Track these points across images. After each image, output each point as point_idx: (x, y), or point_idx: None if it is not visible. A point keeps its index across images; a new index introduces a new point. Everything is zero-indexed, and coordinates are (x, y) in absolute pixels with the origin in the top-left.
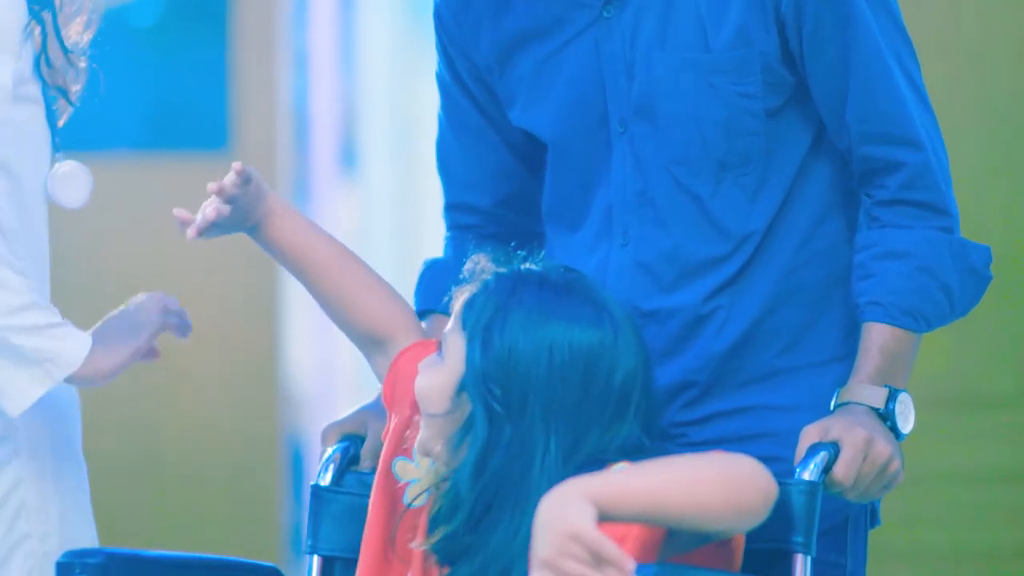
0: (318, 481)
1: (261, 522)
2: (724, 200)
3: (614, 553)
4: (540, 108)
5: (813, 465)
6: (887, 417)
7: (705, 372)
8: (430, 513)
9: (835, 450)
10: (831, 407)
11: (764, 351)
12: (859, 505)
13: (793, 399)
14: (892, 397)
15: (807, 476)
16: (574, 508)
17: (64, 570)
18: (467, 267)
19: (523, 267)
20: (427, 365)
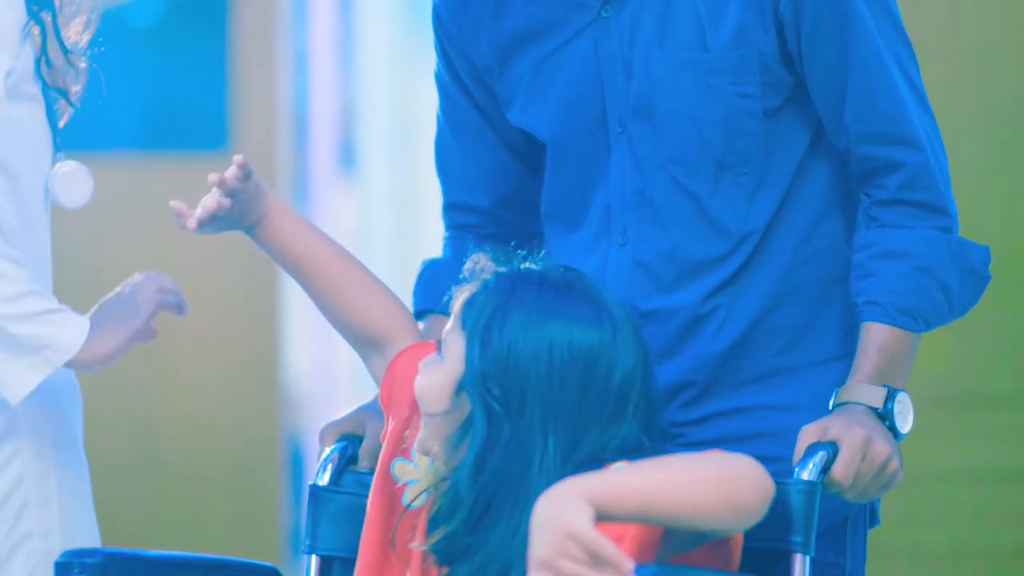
0: (316, 481)
1: (261, 522)
2: (723, 200)
3: (612, 553)
4: (539, 108)
5: (812, 465)
6: (886, 417)
7: (704, 372)
8: (429, 513)
9: (834, 450)
10: (829, 407)
11: (763, 351)
12: (858, 505)
13: (792, 399)
14: (891, 397)
15: (806, 476)
16: (571, 507)
17: (63, 570)
18: (467, 266)
19: (523, 266)
20: (427, 364)
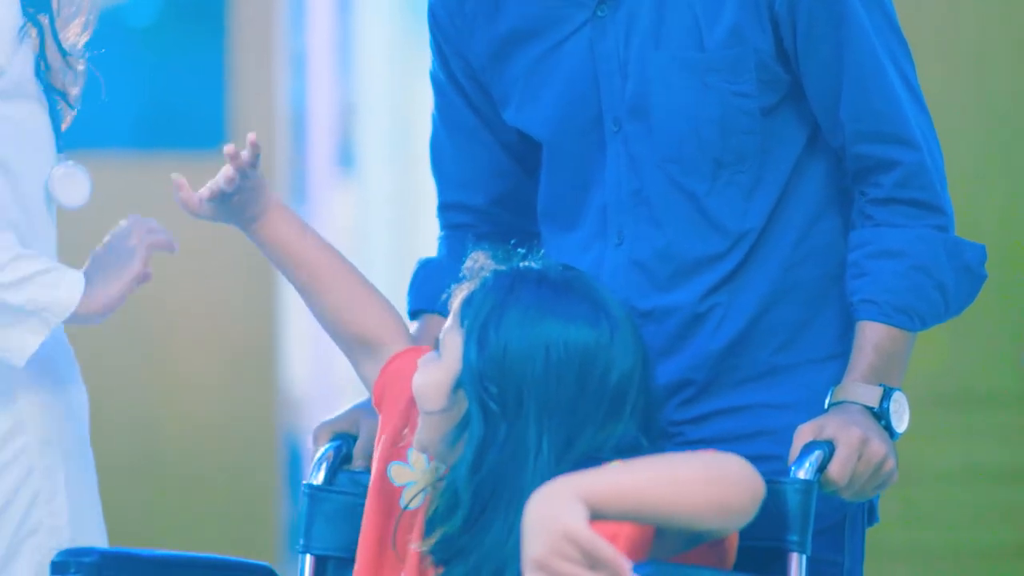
0: (310, 480)
1: (260, 522)
2: (720, 198)
3: (609, 554)
4: (534, 107)
5: (808, 464)
6: (881, 416)
7: (702, 370)
8: (427, 514)
9: (830, 449)
10: (825, 405)
11: (761, 349)
12: (857, 504)
13: (790, 397)
14: (887, 396)
15: (802, 475)
16: (565, 507)
17: (59, 569)
18: (467, 265)
19: (522, 265)
20: (425, 362)
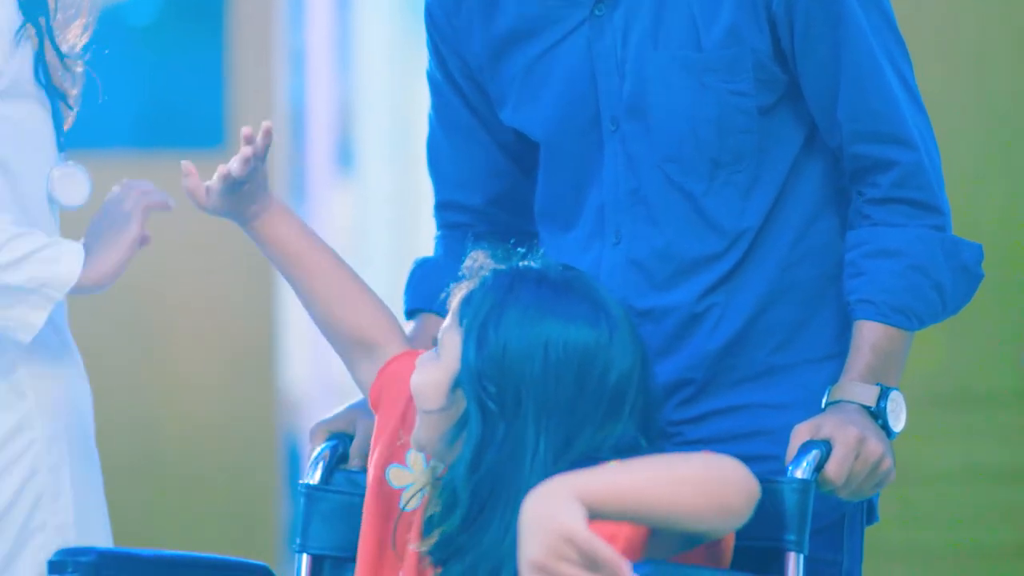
0: (307, 480)
1: (259, 521)
2: (717, 198)
3: (608, 555)
4: (532, 107)
5: (805, 463)
6: (878, 415)
7: (700, 370)
8: (425, 514)
9: (827, 448)
10: (822, 405)
11: (759, 349)
12: (855, 503)
13: (788, 397)
14: (884, 395)
15: (799, 474)
16: (563, 507)
17: (57, 568)
18: (466, 264)
19: (521, 264)
20: (423, 361)
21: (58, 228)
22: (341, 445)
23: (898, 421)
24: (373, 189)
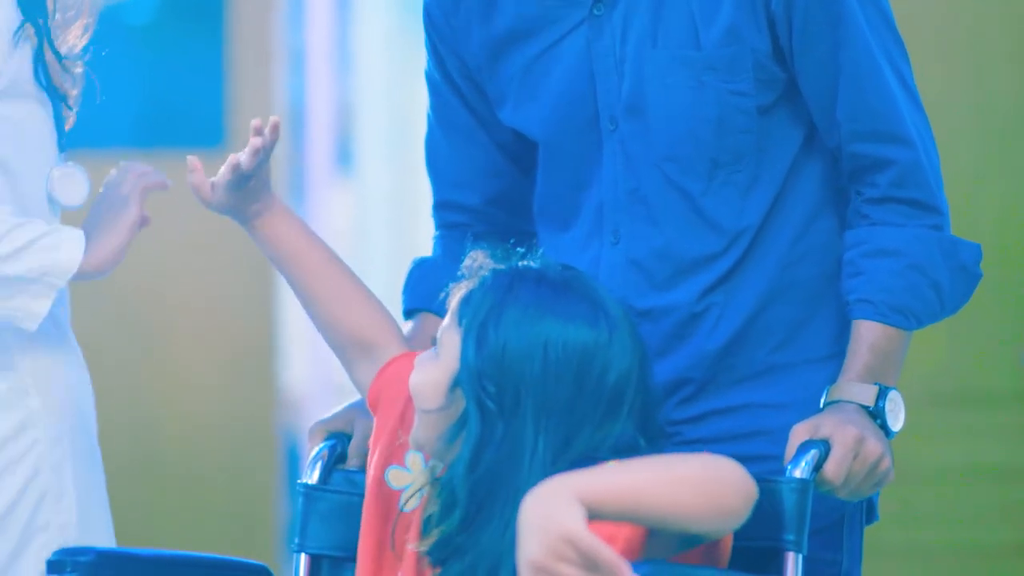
0: (305, 479)
1: (259, 521)
2: (716, 197)
3: (609, 557)
4: (531, 107)
5: (804, 463)
6: (877, 415)
7: (700, 370)
8: (424, 513)
9: (825, 448)
10: (821, 404)
11: (758, 348)
12: (855, 503)
13: (787, 397)
14: (882, 395)
15: (798, 474)
16: (564, 507)
17: (55, 568)
18: (465, 264)
19: (521, 264)
20: (422, 360)
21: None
22: (339, 445)
23: (897, 421)
24: (372, 189)
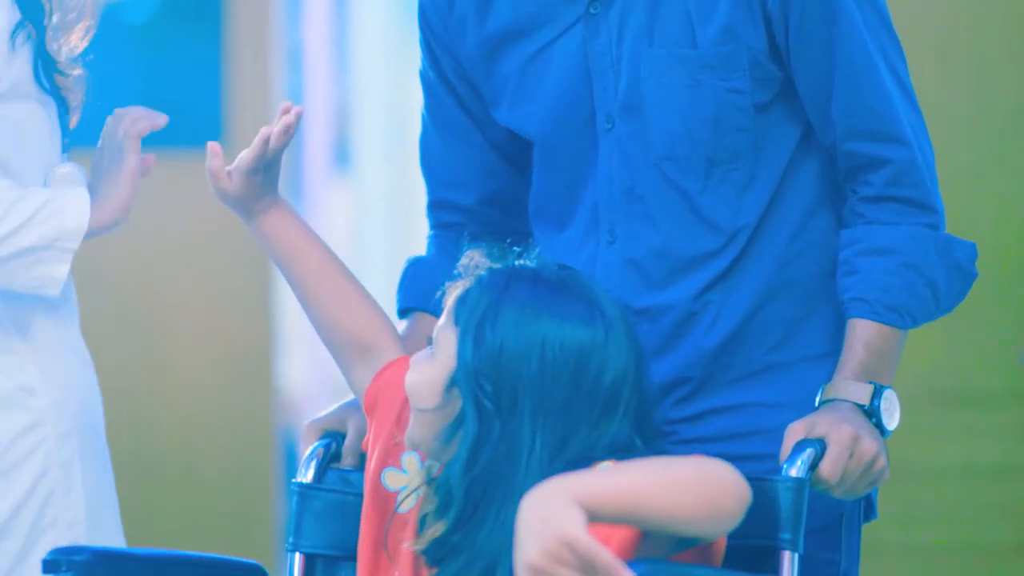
0: (299, 478)
1: (256, 520)
2: (713, 196)
3: (607, 560)
4: (526, 106)
5: (800, 462)
6: (872, 414)
7: (697, 368)
8: (420, 513)
9: (821, 447)
10: (816, 403)
11: (756, 346)
12: (853, 502)
13: (785, 395)
14: (877, 394)
15: (794, 473)
16: (562, 510)
17: (51, 567)
18: (461, 263)
19: (518, 263)
20: (418, 360)
21: None
22: (334, 443)
23: (892, 419)
24: (370, 188)
